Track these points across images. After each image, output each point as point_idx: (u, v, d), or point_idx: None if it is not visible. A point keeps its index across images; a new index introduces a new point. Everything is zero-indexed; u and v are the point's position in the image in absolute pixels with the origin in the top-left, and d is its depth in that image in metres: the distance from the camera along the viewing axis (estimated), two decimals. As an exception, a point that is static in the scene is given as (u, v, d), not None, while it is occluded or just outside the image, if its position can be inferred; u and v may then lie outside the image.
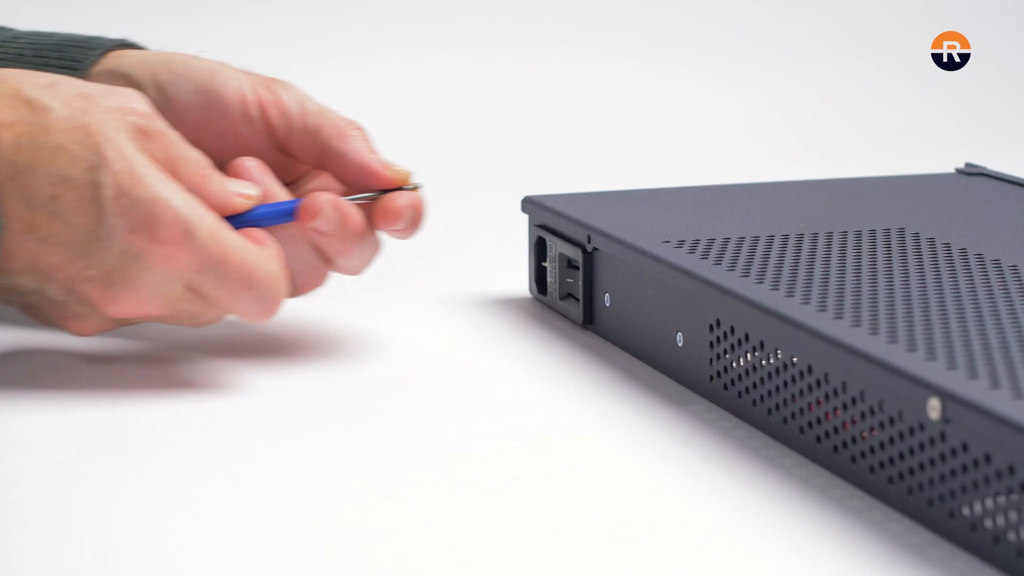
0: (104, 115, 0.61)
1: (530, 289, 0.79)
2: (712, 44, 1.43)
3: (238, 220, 0.64)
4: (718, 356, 0.62)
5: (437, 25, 1.40)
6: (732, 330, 0.61)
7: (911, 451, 0.51)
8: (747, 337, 0.60)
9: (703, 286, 0.63)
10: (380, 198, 0.68)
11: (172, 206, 0.60)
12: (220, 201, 0.63)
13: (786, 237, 0.69)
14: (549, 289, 0.77)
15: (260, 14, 1.37)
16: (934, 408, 0.49)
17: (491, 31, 1.40)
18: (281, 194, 0.67)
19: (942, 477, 0.50)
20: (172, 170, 0.62)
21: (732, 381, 0.61)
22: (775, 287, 0.61)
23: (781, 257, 0.66)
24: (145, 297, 0.62)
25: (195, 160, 0.63)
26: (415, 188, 0.68)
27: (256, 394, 0.65)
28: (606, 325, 0.72)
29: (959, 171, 0.90)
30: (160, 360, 0.69)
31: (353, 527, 0.52)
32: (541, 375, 0.68)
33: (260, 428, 0.61)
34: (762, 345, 0.59)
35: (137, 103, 0.62)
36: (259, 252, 0.63)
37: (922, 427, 0.50)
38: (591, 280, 0.73)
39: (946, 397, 0.49)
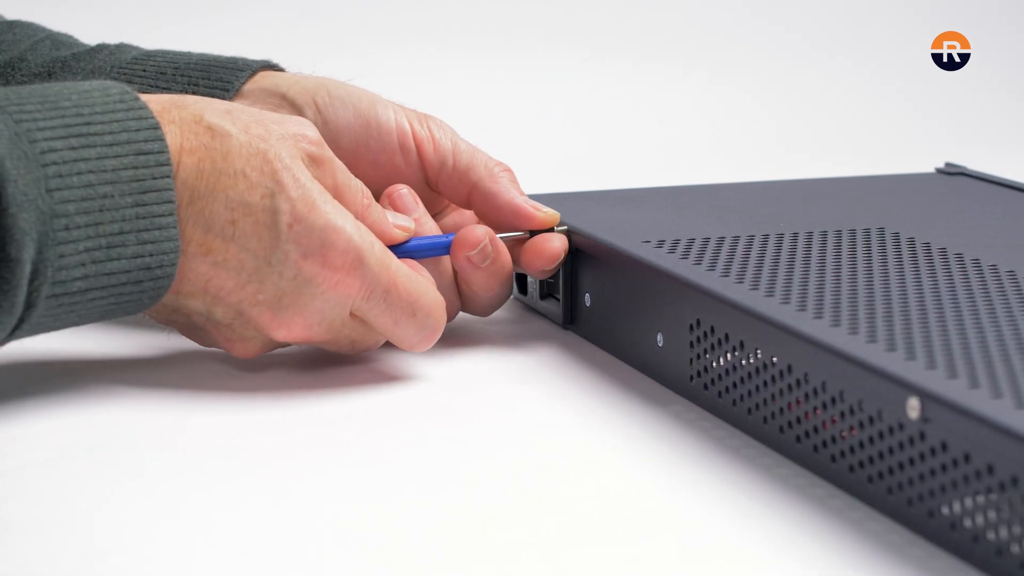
0: (280, 142, 0.61)
1: (511, 289, 0.79)
2: (700, 45, 1.43)
3: (395, 251, 0.65)
4: (698, 356, 0.62)
5: (427, 27, 1.40)
6: (712, 330, 0.61)
7: (890, 450, 0.51)
8: (727, 337, 0.60)
9: (683, 286, 0.63)
10: (530, 238, 0.70)
11: (346, 233, 0.61)
12: (380, 231, 0.65)
13: (766, 237, 0.70)
14: (530, 289, 0.77)
15: (259, 14, 1.36)
16: (913, 408, 0.49)
17: (478, 33, 1.40)
18: (430, 223, 0.69)
19: (921, 476, 0.50)
20: (338, 198, 0.63)
21: (712, 381, 0.61)
22: (755, 287, 0.61)
23: (761, 257, 0.66)
24: (312, 322, 0.62)
25: (358, 189, 0.64)
26: (566, 230, 0.71)
27: (251, 396, 0.65)
28: (587, 325, 0.72)
29: (939, 171, 0.90)
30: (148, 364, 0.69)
31: (341, 527, 0.52)
32: (521, 375, 0.68)
33: (252, 432, 0.61)
34: (742, 345, 0.59)
35: (310, 131, 0.63)
36: (422, 281, 0.64)
37: (901, 426, 0.50)
38: (572, 280, 0.73)
39: (925, 397, 0.49)
